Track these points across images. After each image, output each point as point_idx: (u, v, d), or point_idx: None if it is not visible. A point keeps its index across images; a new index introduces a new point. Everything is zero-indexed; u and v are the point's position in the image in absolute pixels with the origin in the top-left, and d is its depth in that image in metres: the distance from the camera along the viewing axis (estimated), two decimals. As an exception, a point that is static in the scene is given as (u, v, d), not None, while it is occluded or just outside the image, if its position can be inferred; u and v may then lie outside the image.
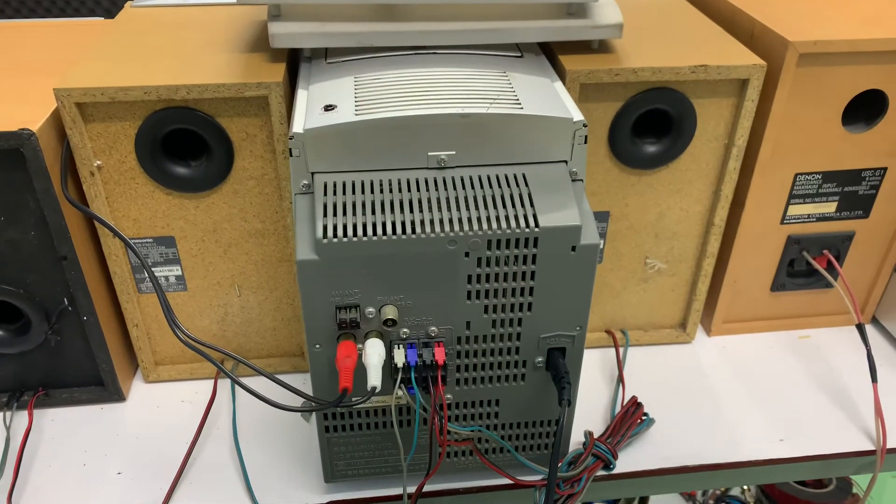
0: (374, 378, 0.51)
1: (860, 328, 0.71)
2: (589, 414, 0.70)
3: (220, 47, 0.64)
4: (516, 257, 0.51)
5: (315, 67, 0.61)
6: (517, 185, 0.53)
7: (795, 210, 0.73)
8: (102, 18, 0.79)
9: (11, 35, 0.75)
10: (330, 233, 0.49)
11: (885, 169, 0.71)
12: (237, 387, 0.72)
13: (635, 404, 0.68)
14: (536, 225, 0.50)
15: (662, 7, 0.75)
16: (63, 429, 0.68)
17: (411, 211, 0.51)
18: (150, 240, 0.65)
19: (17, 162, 0.57)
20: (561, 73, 0.62)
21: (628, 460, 0.65)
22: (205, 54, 0.63)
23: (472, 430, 0.58)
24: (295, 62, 0.66)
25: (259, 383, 0.60)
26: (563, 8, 0.62)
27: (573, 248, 0.52)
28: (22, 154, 0.57)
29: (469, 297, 0.53)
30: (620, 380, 0.73)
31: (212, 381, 0.72)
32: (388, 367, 0.54)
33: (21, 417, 0.68)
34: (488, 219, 0.50)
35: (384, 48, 0.62)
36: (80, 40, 0.73)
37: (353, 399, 0.53)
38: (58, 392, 0.69)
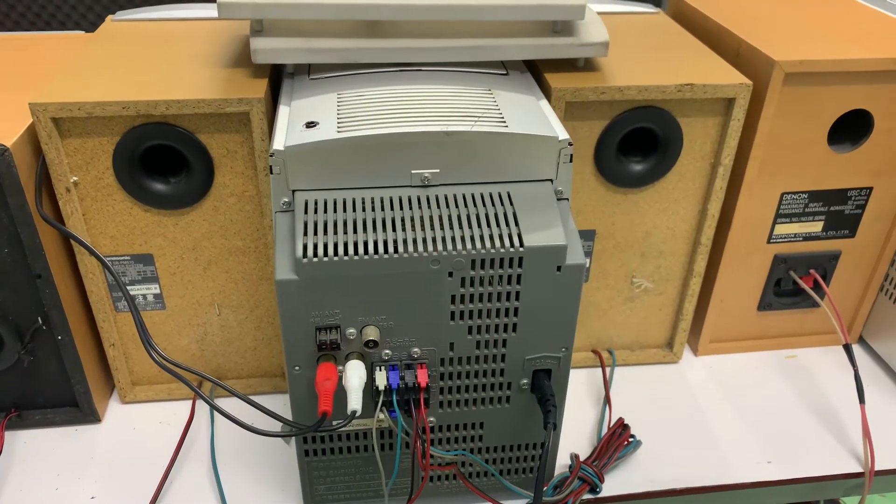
0: (355, 401, 0.49)
1: (847, 348, 0.71)
2: (575, 436, 0.69)
3: (202, 62, 0.63)
4: (501, 277, 0.51)
5: (298, 83, 0.60)
6: (502, 204, 0.52)
7: (782, 229, 0.72)
8: (83, 32, 0.78)
9: (-11, 48, 0.73)
10: (310, 252, 0.48)
11: (870, 189, 0.71)
12: (216, 408, 0.70)
13: (622, 426, 0.67)
14: (521, 244, 0.50)
15: (649, 26, 0.75)
16: (36, 451, 0.66)
17: (394, 230, 0.50)
18: (128, 257, 0.64)
19: (-10, 178, 0.56)
20: (546, 91, 0.61)
21: (615, 483, 0.64)
22: (185, 69, 0.62)
23: (456, 455, 0.57)
24: (278, 78, 0.65)
25: (238, 404, 0.59)
26: (549, 26, 0.62)
27: (558, 268, 0.51)
28: (-5, 170, 0.55)
29: (453, 318, 0.52)
30: (607, 401, 0.72)
31: (190, 402, 0.71)
32: (370, 389, 0.53)
33: (-8, 439, 0.66)
34: (472, 238, 0.50)
35: (368, 65, 0.61)
36: (60, 54, 0.72)
37: (333, 423, 0.52)
38: (31, 413, 0.68)
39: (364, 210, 0.51)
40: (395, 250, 0.49)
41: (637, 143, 0.65)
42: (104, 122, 0.57)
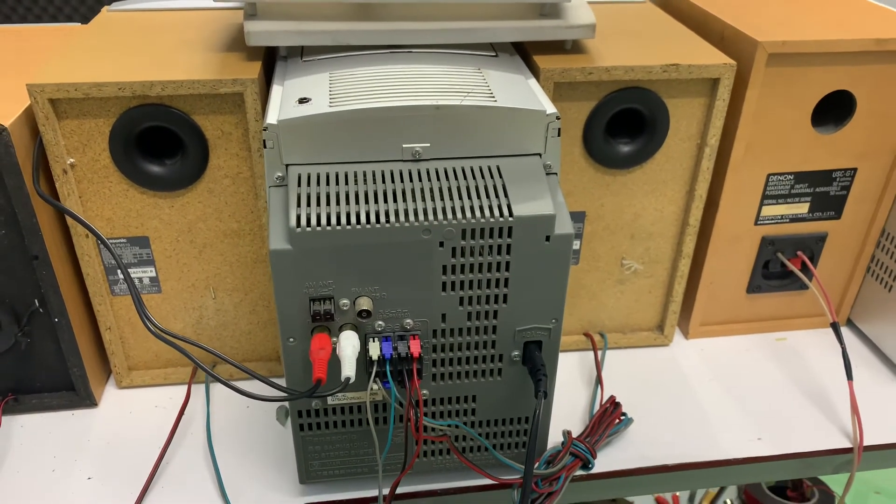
0: (349, 369, 0.50)
1: (835, 326, 0.72)
2: (568, 416, 0.69)
3: (197, 47, 0.64)
4: (491, 247, 0.51)
5: (291, 65, 0.61)
6: (491, 177, 0.53)
7: (769, 211, 0.73)
8: (80, 24, 0.79)
9: (-13, 40, 0.75)
10: (304, 222, 0.49)
11: (854, 170, 0.72)
12: (211, 390, 0.71)
13: (613, 404, 0.68)
14: (510, 214, 0.51)
15: (634, 12, 0.76)
16: (32, 435, 0.67)
17: (385, 201, 0.51)
18: (124, 240, 0.65)
19: (-12, 158, 0.57)
20: (535, 72, 0.62)
21: (607, 460, 0.65)
22: (181, 53, 0.63)
23: (449, 425, 0.58)
24: (271, 62, 0.66)
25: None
26: (537, 8, 0.63)
27: (547, 238, 0.52)
28: (-7, 149, 0.56)
29: (444, 289, 0.53)
30: (599, 381, 0.72)
31: (186, 387, 0.71)
32: (363, 360, 0.54)
33: (-11, 423, 0.67)
34: (462, 208, 0.51)
35: (360, 47, 0.62)
36: (57, 43, 0.73)
37: (328, 390, 0.52)
38: (28, 397, 0.68)
39: (356, 183, 0.52)
40: (387, 220, 0.50)
41: (625, 125, 0.67)
42: (100, 104, 0.58)
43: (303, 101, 0.53)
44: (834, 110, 0.70)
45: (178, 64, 0.60)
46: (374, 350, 0.53)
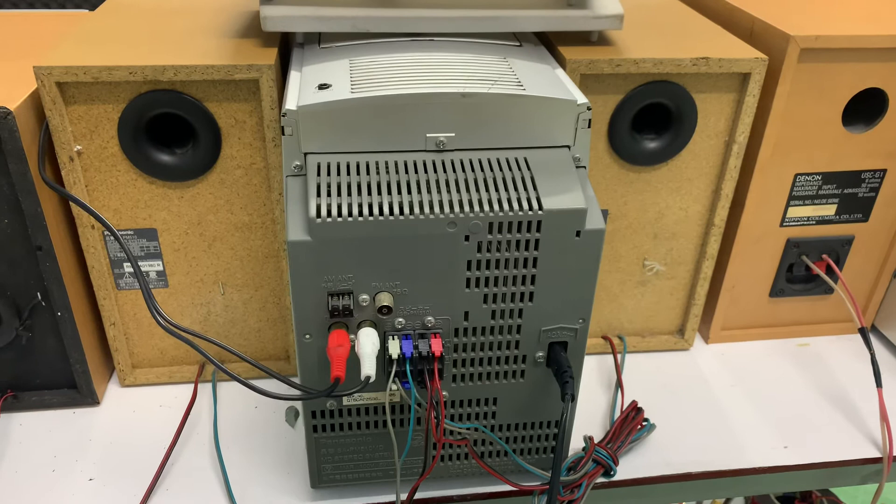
0: (369, 367, 0.48)
1: (863, 332, 0.69)
2: (587, 421, 0.67)
3: (210, 33, 0.62)
4: (518, 242, 0.49)
5: (308, 52, 0.59)
6: (519, 169, 0.50)
7: (795, 212, 0.71)
8: (87, 11, 0.77)
9: (-9, 25, 0.72)
10: (324, 212, 0.47)
11: (884, 171, 0.70)
12: (219, 389, 0.69)
13: (635, 409, 0.66)
14: (540, 207, 0.48)
15: (657, 6, 0.74)
16: (32, 433, 0.64)
17: (409, 192, 0.48)
18: (132, 232, 0.62)
19: (-8, 143, 0.54)
20: (561, 63, 0.60)
21: (629, 467, 0.63)
22: (194, 38, 0.61)
23: (469, 429, 0.55)
24: (287, 50, 0.64)
25: (241, 388, 0.57)
26: (563, -2, 0.61)
27: (578, 234, 0.49)
28: (-3, 134, 0.54)
29: (468, 285, 0.50)
30: (619, 385, 0.70)
31: (192, 386, 0.69)
32: (382, 359, 0.52)
33: (-13, 421, 0.64)
34: (490, 201, 0.48)
35: (380, 34, 0.60)
36: (65, 29, 0.71)
37: (346, 390, 0.50)
38: (27, 395, 0.66)
39: (378, 173, 0.49)
40: (411, 212, 0.47)
41: (651, 120, 0.65)
42: (110, 88, 0.56)
43: (323, 87, 0.51)
44: (865, 109, 0.68)
45: (191, 49, 0.58)
46: (394, 348, 0.50)
